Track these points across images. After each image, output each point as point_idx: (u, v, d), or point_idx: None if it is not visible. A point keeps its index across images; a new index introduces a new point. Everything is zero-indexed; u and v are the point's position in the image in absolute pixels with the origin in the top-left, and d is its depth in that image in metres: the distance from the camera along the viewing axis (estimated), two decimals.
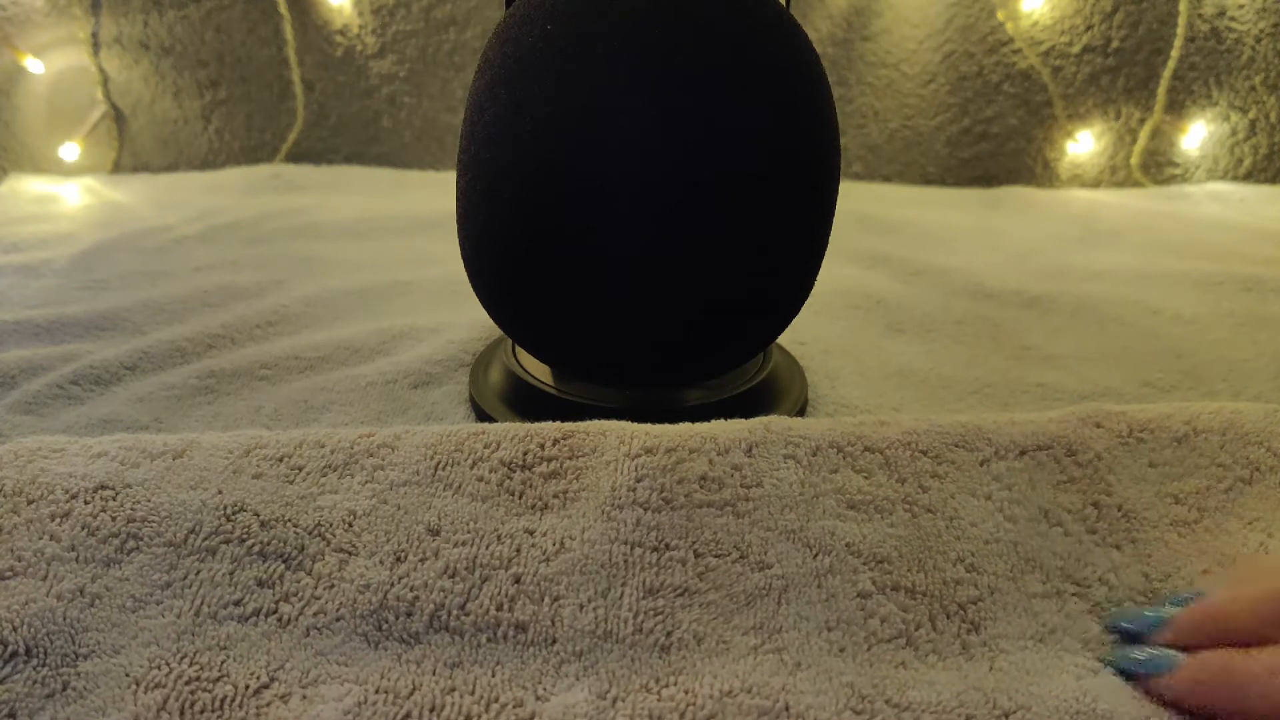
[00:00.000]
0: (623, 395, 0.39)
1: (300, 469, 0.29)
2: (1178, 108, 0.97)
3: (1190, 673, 0.24)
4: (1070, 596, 0.27)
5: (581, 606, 0.25)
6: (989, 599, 0.26)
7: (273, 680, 0.23)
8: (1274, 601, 0.23)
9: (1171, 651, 0.24)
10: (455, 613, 0.25)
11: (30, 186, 0.88)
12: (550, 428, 0.31)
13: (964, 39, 0.96)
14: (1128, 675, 0.25)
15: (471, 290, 0.38)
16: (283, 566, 0.26)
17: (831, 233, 0.37)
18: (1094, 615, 0.27)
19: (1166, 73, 0.95)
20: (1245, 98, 0.96)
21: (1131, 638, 0.26)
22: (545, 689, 0.23)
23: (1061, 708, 0.23)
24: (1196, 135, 0.98)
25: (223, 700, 0.22)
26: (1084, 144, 0.98)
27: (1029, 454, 0.31)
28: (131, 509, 0.27)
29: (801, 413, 0.42)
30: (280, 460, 0.29)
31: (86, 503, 0.27)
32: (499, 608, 0.25)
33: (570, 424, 0.31)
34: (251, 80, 0.96)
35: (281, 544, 0.27)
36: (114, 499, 0.27)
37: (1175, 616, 0.25)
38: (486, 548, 0.27)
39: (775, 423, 0.32)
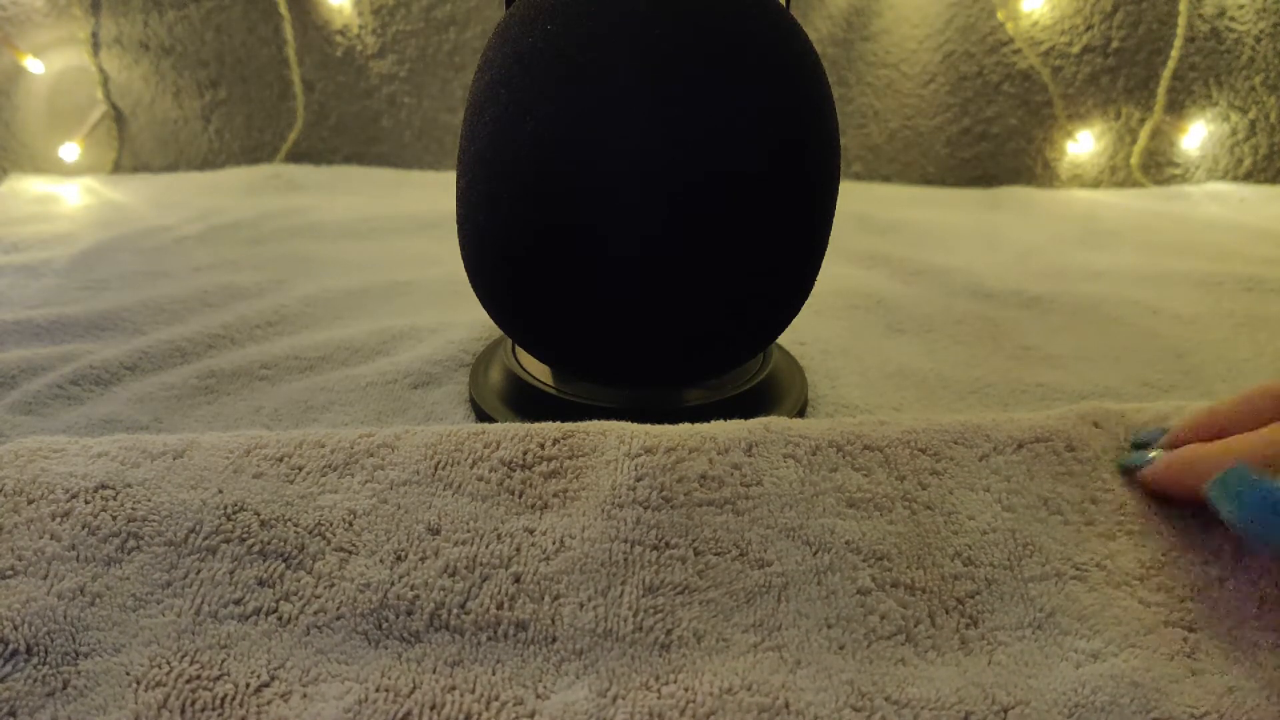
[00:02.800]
0: (623, 395, 0.39)
1: (300, 469, 0.29)
2: (1178, 108, 0.97)
3: (1164, 460, 0.29)
4: (1070, 579, 0.27)
5: (582, 605, 0.25)
6: (986, 591, 0.26)
7: (273, 679, 0.23)
8: (1249, 401, 0.28)
9: (1161, 451, 0.30)
10: (455, 611, 0.25)
11: (30, 186, 0.88)
12: (550, 428, 0.31)
13: (964, 39, 0.96)
14: (1127, 471, 0.31)
15: (471, 290, 0.38)
16: (283, 565, 0.26)
17: (831, 233, 0.37)
18: (1094, 595, 0.27)
19: (1166, 73, 0.95)
20: (1245, 98, 0.97)
21: (1141, 446, 0.31)
22: (546, 687, 0.23)
23: (1060, 701, 0.23)
24: (1196, 135, 0.98)
25: (223, 699, 0.22)
26: (1084, 144, 0.98)
27: (1027, 446, 0.31)
28: (132, 508, 0.27)
29: (801, 413, 0.42)
30: (280, 460, 0.30)
31: (87, 502, 0.27)
32: (499, 606, 0.25)
33: (570, 424, 0.31)
34: (251, 80, 0.96)
35: (282, 543, 0.27)
36: (114, 498, 0.27)
37: (1174, 425, 0.31)
38: (486, 547, 0.27)
39: (775, 423, 0.32)
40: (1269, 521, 0.22)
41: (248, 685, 0.23)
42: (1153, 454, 0.30)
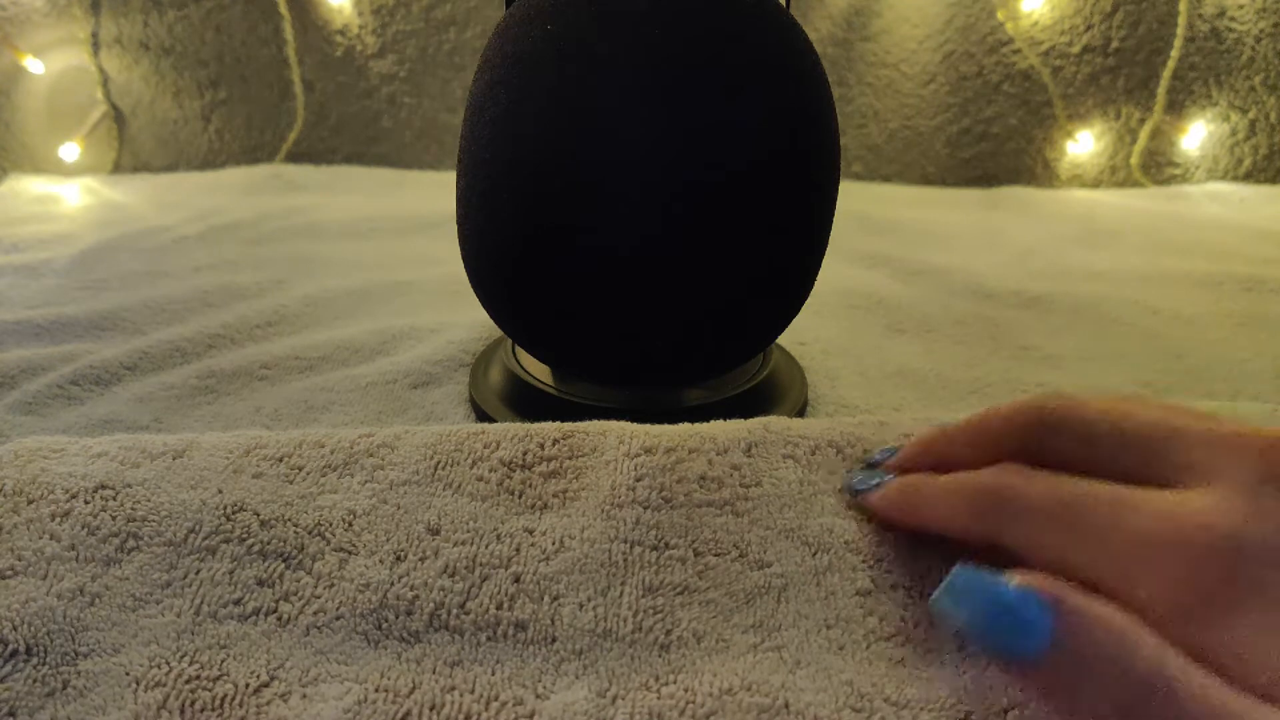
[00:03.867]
0: (623, 395, 0.39)
1: (300, 469, 0.29)
2: (1178, 108, 0.97)
3: (886, 489, 0.27)
4: None
5: (581, 605, 0.25)
6: None
7: (273, 679, 0.23)
8: (982, 424, 0.26)
9: (887, 476, 0.28)
10: (455, 611, 0.25)
11: (30, 186, 0.88)
12: (550, 428, 0.31)
13: (964, 39, 0.96)
14: (852, 493, 0.28)
15: (471, 290, 0.38)
16: (283, 566, 0.26)
17: (831, 233, 0.37)
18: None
19: (1166, 73, 0.95)
20: (1245, 98, 0.97)
21: (873, 466, 0.29)
22: (545, 687, 0.23)
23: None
24: (1196, 135, 0.98)
25: (223, 699, 0.22)
26: (1084, 144, 0.98)
27: None
28: (131, 508, 0.27)
29: (801, 413, 0.42)
30: (280, 460, 0.30)
31: (87, 502, 0.27)
32: (499, 606, 0.25)
33: (570, 424, 0.31)
34: (251, 80, 0.96)
35: (281, 543, 0.27)
36: (114, 499, 0.27)
37: (905, 446, 0.28)
38: (486, 547, 0.27)
39: (774, 423, 0.32)
40: (1003, 626, 0.20)
41: (247, 685, 0.23)
42: (877, 479, 0.28)
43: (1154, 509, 0.20)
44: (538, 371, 0.41)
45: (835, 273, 0.63)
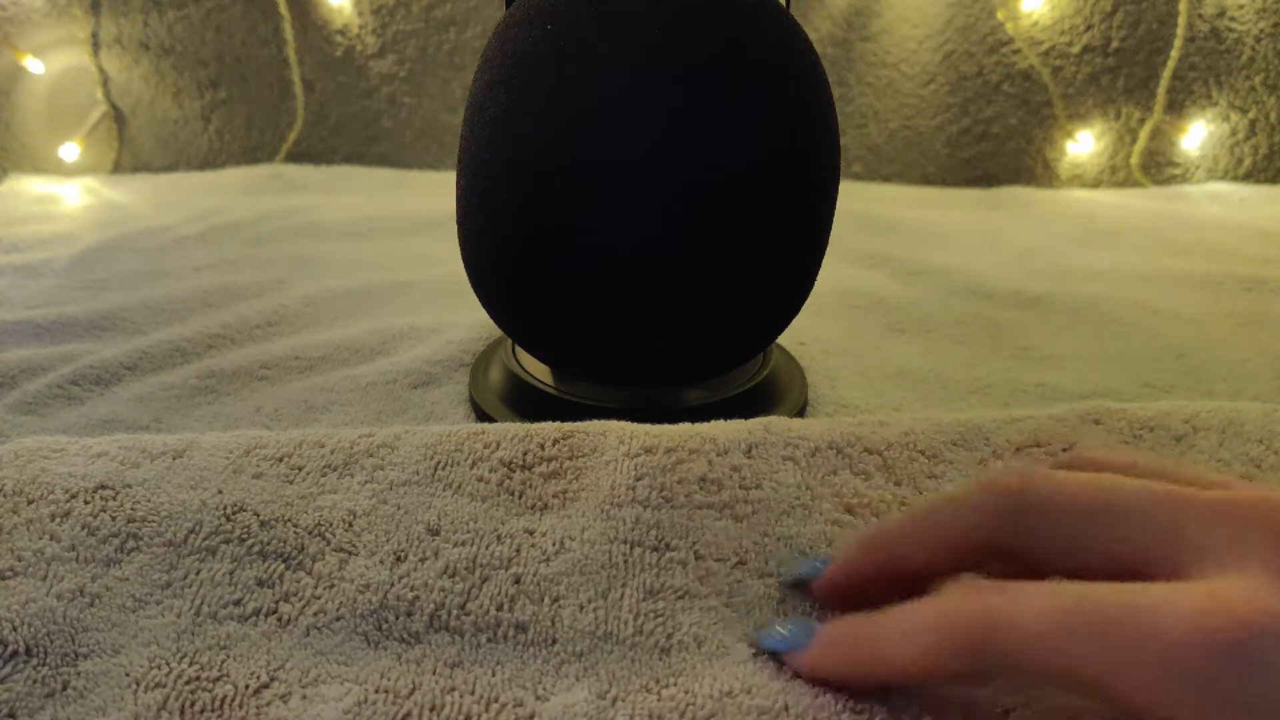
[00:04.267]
0: (623, 395, 0.39)
1: (300, 469, 0.29)
2: (1178, 108, 0.97)
3: (822, 642, 0.22)
4: None
5: (581, 607, 0.25)
6: None
7: (273, 680, 0.23)
8: (934, 521, 0.22)
9: (810, 623, 0.23)
10: (455, 612, 0.25)
11: (30, 186, 0.88)
12: (550, 428, 0.31)
13: (964, 39, 0.96)
14: (771, 652, 0.23)
15: (471, 290, 0.38)
16: (283, 566, 0.26)
17: (831, 233, 0.37)
18: None
19: (1166, 73, 0.95)
20: (1245, 98, 0.96)
21: (797, 584, 0.25)
22: (545, 689, 0.23)
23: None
24: (1196, 135, 0.98)
25: (223, 700, 0.22)
26: (1084, 144, 0.98)
27: (1025, 450, 0.31)
28: (131, 509, 0.27)
29: (801, 413, 0.42)
30: (280, 460, 0.30)
31: (86, 502, 0.27)
32: (499, 608, 0.25)
33: (570, 424, 0.31)
34: (251, 80, 0.96)
35: (281, 544, 0.27)
36: (114, 499, 0.27)
37: (832, 557, 0.24)
38: (486, 548, 0.27)
39: (775, 423, 0.32)
40: None
41: (247, 686, 0.23)
42: (805, 629, 0.23)
43: (1179, 608, 0.17)
44: (538, 371, 0.41)
45: (835, 273, 0.63)
